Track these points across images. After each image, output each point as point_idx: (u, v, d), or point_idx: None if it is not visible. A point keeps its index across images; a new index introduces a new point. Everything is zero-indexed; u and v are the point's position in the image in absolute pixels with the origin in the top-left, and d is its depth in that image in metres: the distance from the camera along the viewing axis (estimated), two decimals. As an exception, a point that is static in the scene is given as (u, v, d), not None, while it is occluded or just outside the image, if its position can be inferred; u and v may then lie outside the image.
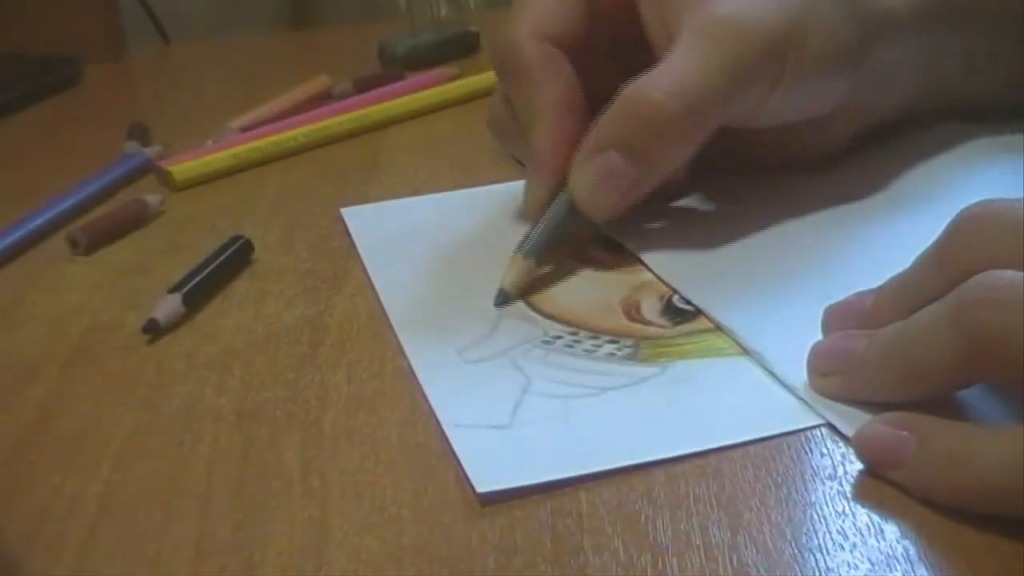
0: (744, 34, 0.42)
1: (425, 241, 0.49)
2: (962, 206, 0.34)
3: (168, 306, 0.44)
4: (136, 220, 0.54)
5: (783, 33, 0.42)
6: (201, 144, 0.63)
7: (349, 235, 0.50)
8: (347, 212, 0.52)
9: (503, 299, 0.43)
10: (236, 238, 0.49)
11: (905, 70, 0.48)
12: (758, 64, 0.42)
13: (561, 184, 0.44)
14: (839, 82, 0.45)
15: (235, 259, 0.48)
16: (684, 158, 0.43)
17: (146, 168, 0.61)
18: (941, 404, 0.33)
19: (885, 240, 0.44)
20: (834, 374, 0.35)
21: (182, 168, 0.59)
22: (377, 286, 0.45)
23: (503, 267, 0.43)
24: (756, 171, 0.49)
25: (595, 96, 0.45)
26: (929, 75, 0.50)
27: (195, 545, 0.32)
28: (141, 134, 0.65)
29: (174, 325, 0.44)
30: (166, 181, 0.59)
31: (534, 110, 0.45)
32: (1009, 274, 0.30)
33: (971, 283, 0.31)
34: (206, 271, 0.47)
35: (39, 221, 0.54)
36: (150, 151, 0.63)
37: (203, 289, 0.46)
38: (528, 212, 0.46)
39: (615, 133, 0.42)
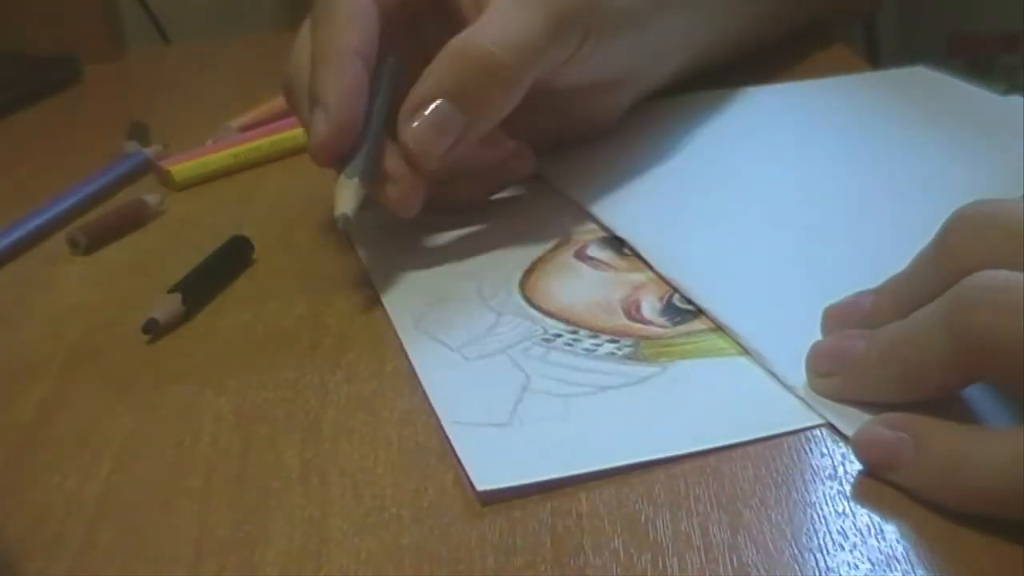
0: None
1: (425, 242, 0.49)
2: (961, 201, 0.34)
3: (168, 306, 0.44)
4: (135, 220, 0.54)
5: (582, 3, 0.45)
6: (200, 144, 0.63)
7: (348, 235, 0.50)
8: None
9: (345, 222, 0.43)
10: (236, 238, 0.49)
11: (676, 37, 0.53)
12: (572, 19, 0.45)
13: (346, 124, 0.44)
14: (632, 44, 0.49)
15: (235, 259, 0.48)
16: (509, 107, 0.45)
17: (146, 168, 0.61)
18: (940, 405, 0.33)
19: (885, 239, 0.44)
20: (833, 374, 0.35)
21: (181, 168, 0.59)
22: (377, 286, 0.45)
23: (337, 195, 0.44)
24: (548, 142, 0.52)
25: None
26: (696, 41, 0.56)
27: (195, 545, 0.32)
28: (141, 134, 0.65)
29: (173, 325, 0.44)
30: (165, 181, 0.59)
31: (330, 49, 0.45)
32: (1003, 274, 0.30)
33: (965, 284, 0.31)
34: (206, 271, 0.47)
35: (39, 221, 0.54)
36: (150, 151, 0.63)
37: (203, 289, 0.46)
38: (314, 156, 0.45)
39: (445, 83, 0.43)
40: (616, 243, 0.46)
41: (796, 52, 0.68)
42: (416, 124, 0.44)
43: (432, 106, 0.43)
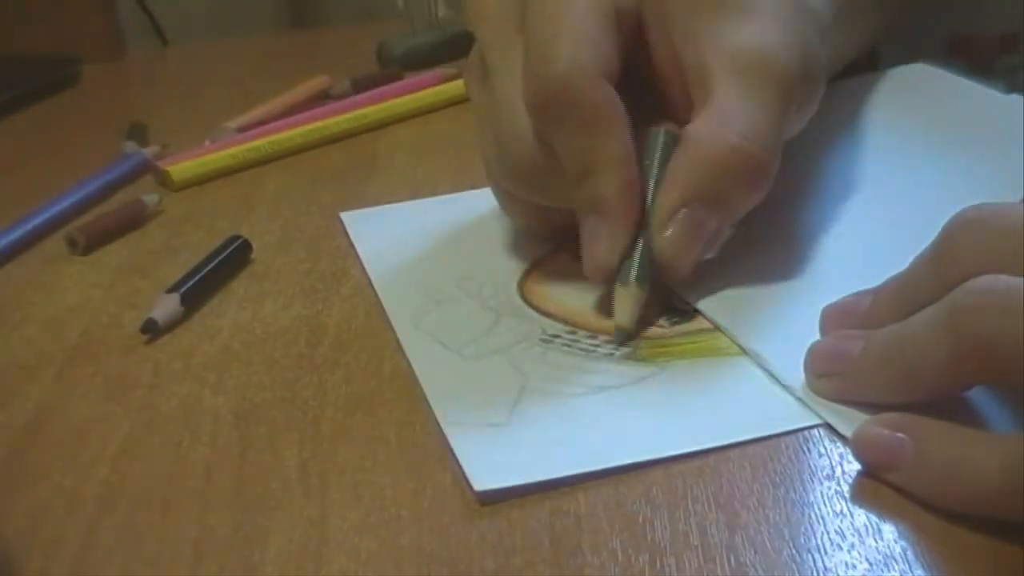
0: (779, 68, 0.41)
1: (424, 243, 0.49)
2: (962, 202, 0.34)
3: (166, 306, 0.44)
4: (134, 220, 0.54)
5: (802, 65, 0.42)
6: (199, 144, 0.63)
7: (347, 235, 0.50)
8: (346, 216, 0.52)
9: (624, 338, 0.40)
10: (234, 238, 0.49)
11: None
12: (796, 96, 0.42)
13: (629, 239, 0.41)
14: (817, 101, 0.45)
15: (233, 259, 0.48)
16: (761, 198, 0.41)
17: (144, 168, 0.61)
18: (939, 405, 0.33)
19: (884, 239, 0.44)
20: (831, 375, 0.35)
21: (180, 168, 0.59)
22: (376, 286, 0.45)
23: (616, 305, 0.40)
24: None
25: None
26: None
27: (194, 545, 0.32)
28: (139, 134, 0.65)
29: (172, 325, 0.44)
30: (164, 181, 0.59)
31: (603, 159, 0.40)
32: (1003, 279, 0.30)
33: (966, 288, 0.31)
34: (204, 271, 0.47)
35: (38, 221, 0.54)
36: (148, 151, 0.63)
37: (201, 289, 0.46)
38: (595, 273, 0.41)
39: (696, 186, 0.40)
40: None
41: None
42: (671, 231, 0.40)
43: (686, 212, 0.40)
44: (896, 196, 0.48)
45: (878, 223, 0.46)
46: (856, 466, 0.33)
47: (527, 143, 0.42)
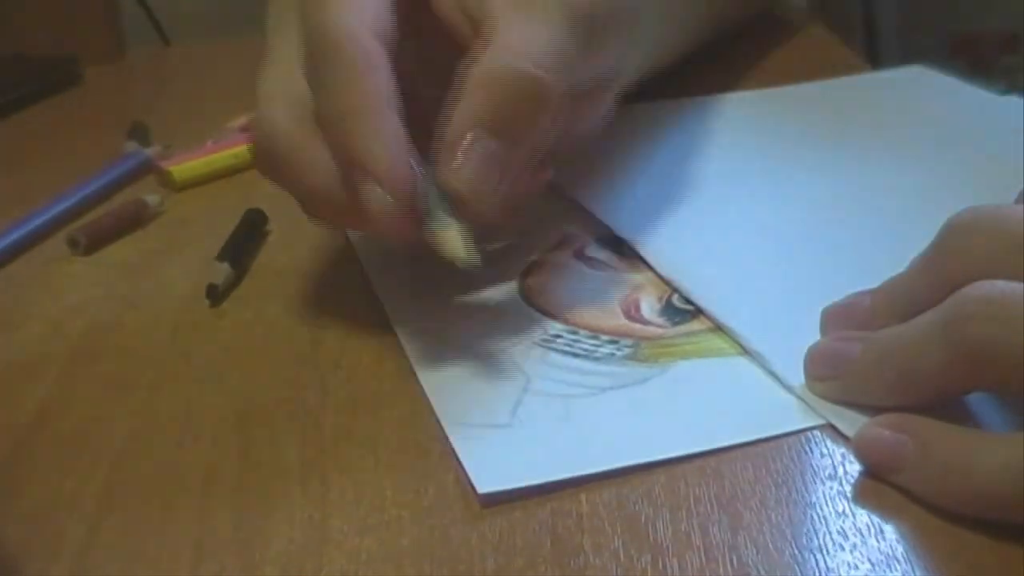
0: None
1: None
2: (961, 203, 0.34)
3: (221, 273, 0.46)
4: (136, 220, 0.54)
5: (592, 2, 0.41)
6: (201, 144, 0.63)
7: (347, 236, 0.50)
8: None
9: (470, 262, 0.38)
10: (251, 211, 0.52)
11: (652, 28, 0.50)
12: (588, 25, 0.41)
13: (408, 190, 0.38)
14: (624, 46, 0.45)
15: (256, 229, 0.51)
16: (554, 128, 0.40)
17: (146, 168, 0.61)
18: (941, 406, 0.32)
19: (884, 239, 0.44)
20: (830, 378, 0.35)
21: (182, 168, 0.59)
22: (376, 288, 0.45)
23: (444, 245, 0.38)
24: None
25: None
26: (663, 34, 0.54)
27: (195, 545, 0.32)
28: (141, 134, 0.65)
29: (229, 288, 0.45)
30: (166, 181, 0.59)
31: (356, 106, 0.38)
32: (1001, 285, 0.30)
33: (963, 295, 0.31)
34: (241, 242, 0.49)
35: (39, 221, 0.54)
36: (150, 151, 0.63)
37: (242, 255, 0.49)
38: (388, 231, 0.39)
39: (481, 115, 0.38)
40: (615, 243, 0.46)
41: (797, 53, 0.68)
42: (458, 165, 0.38)
43: (472, 143, 0.38)
44: (895, 197, 0.48)
45: (878, 223, 0.46)
46: (858, 466, 0.33)
47: (272, 125, 0.40)
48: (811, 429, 0.34)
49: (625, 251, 0.46)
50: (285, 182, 0.41)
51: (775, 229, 0.46)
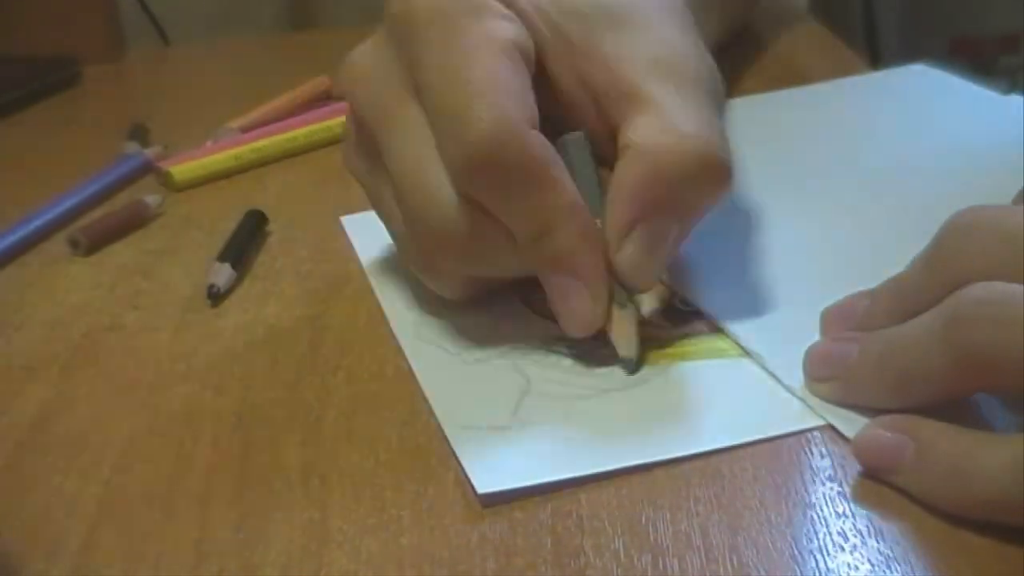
0: (698, 70, 0.40)
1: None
2: (961, 203, 0.34)
3: (222, 274, 0.47)
4: (136, 221, 0.54)
5: (709, 68, 0.41)
6: (201, 145, 0.63)
7: (348, 237, 0.50)
8: (347, 220, 0.52)
9: (633, 367, 0.38)
10: (252, 212, 0.52)
11: None
12: (719, 104, 0.41)
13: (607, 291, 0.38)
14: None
15: (256, 230, 0.51)
16: (726, 197, 0.39)
17: (146, 169, 0.61)
18: (941, 407, 0.32)
19: (884, 240, 0.44)
20: (829, 379, 0.35)
21: (182, 169, 0.59)
22: (377, 292, 0.45)
23: (616, 335, 0.38)
24: None
25: None
26: None
27: (195, 545, 0.32)
28: (141, 135, 0.65)
29: (230, 290, 0.45)
30: (166, 182, 0.59)
31: (556, 214, 0.37)
32: (1000, 287, 0.30)
33: (962, 297, 0.31)
34: (241, 242, 0.50)
35: (39, 222, 0.54)
36: (150, 152, 0.63)
37: (243, 255, 0.49)
38: (584, 331, 0.38)
39: (651, 196, 0.37)
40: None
41: (797, 54, 0.68)
42: (630, 247, 0.37)
43: (643, 228, 0.37)
44: (895, 196, 0.48)
45: (877, 224, 0.46)
46: (858, 467, 0.33)
47: (450, 214, 0.37)
48: (811, 430, 0.34)
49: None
50: (468, 265, 0.40)
51: (775, 230, 0.46)
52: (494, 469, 0.34)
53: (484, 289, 0.41)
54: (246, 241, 0.50)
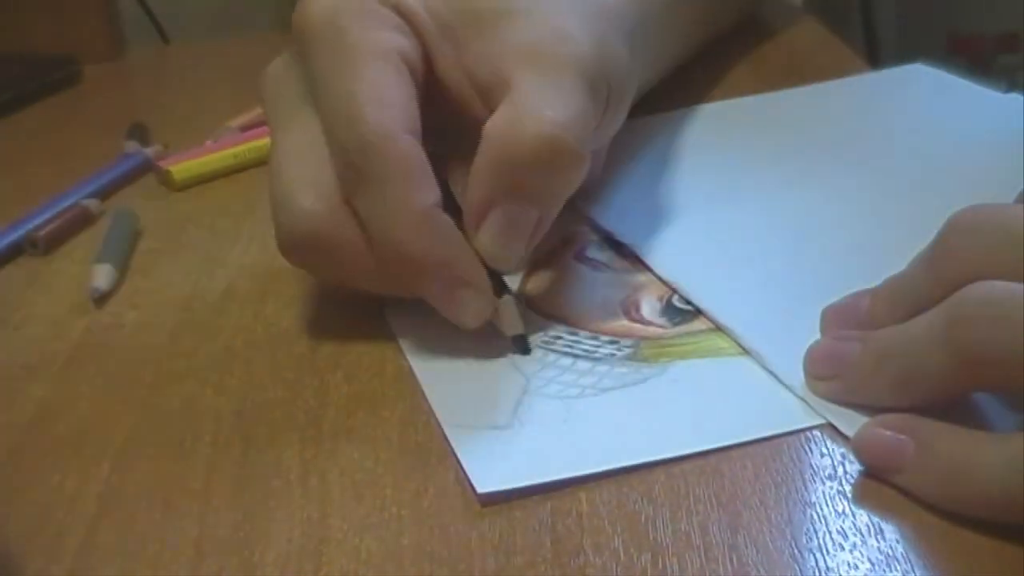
0: (572, 52, 0.40)
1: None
2: (961, 202, 0.34)
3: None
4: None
5: (598, 51, 0.41)
6: (201, 144, 0.63)
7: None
8: None
9: (525, 344, 0.40)
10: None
11: (636, 80, 0.48)
12: (599, 85, 0.41)
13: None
14: (624, 109, 0.45)
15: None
16: (577, 186, 0.40)
17: (146, 168, 0.61)
18: (941, 406, 0.32)
19: (884, 239, 0.44)
20: (829, 378, 0.35)
21: (182, 168, 0.59)
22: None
23: (502, 318, 0.40)
24: None
25: None
26: (645, 77, 0.52)
27: (195, 545, 0.32)
28: (141, 134, 0.65)
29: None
30: (166, 181, 0.59)
31: (422, 220, 0.38)
32: (1001, 286, 0.30)
33: (963, 296, 0.31)
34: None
35: (38, 221, 0.54)
36: (149, 151, 0.63)
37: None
38: (472, 325, 0.39)
39: (504, 182, 0.38)
40: (615, 244, 0.46)
41: (796, 54, 0.68)
42: (487, 232, 0.39)
43: (497, 213, 0.38)
44: (895, 196, 0.48)
45: (877, 223, 0.46)
46: (858, 466, 0.33)
47: (306, 212, 0.40)
48: (811, 429, 0.34)
49: (625, 252, 0.46)
50: (323, 266, 0.42)
51: (775, 229, 0.46)
52: (493, 468, 0.34)
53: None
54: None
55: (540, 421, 0.36)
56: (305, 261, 0.42)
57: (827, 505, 0.31)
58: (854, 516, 0.31)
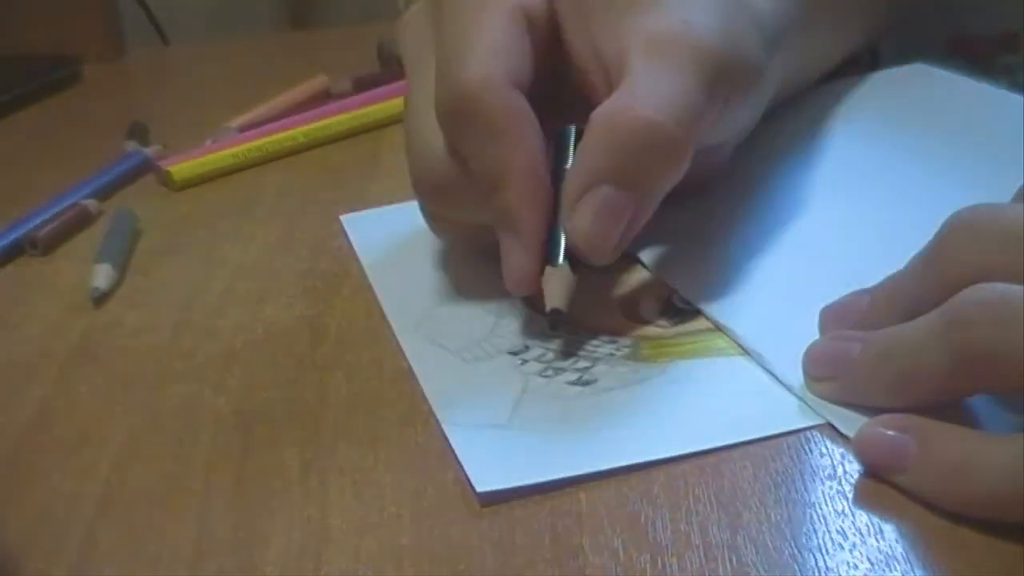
0: (696, 45, 0.40)
1: (424, 245, 0.48)
2: (961, 202, 0.34)
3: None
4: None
5: (728, 45, 0.41)
6: (200, 144, 0.63)
7: (348, 236, 0.50)
8: (346, 220, 0.52)
9: (558, 321, 0.39)
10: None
11: (773, 84, 0.48)
12: (719, 77, 0.40)
13: (542, 248, 0.40)
14: (757, 99, 0.45)
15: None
16: (678, 178, 0.39)
17: (146, 167, 0.61)
18: (941, 406, 0.32)
19: (884, 239, 0.44)
20: (829, 378, 0.35)
21: (181, 168, 0.59)
22: (376, 290, 0.45)
23: (545, 287, 0.39)
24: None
25: None
26: (784, 83, 0.51)
27: (194, 545, 0.32)
28: (141, 134, 0.66)
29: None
30: (165, 181, 0.59)
31: (511, 170, 0.39)
32: (1000, 288, 0.30)
33: (963, 298, 0.31)
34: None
35: (38, 221, 0.54)
36: (149, 151, 0.63)
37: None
38: (516, 287, 0.40)
39: (604, 165, 0.38)
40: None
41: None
42: (579, 213, 0.38)
43: (594, 194, 0.38)
44: (895, 195, 0.48)
45: (877, 222, 0.46)
46: (857, 466, 0.33)
47: (437, 156, 0.41)
48: (811, 429, 0.34)
49: (625, 251, 0.46)
50: (451, 209, 0.43)
51: (774, 229, 0.46)
52: (493, 468, 0.34)
53: (479, 242, 0.43)
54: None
55: (539, 421, 0.36)
56: (436, 203, 0.43)
57: (827, 505, 0.31)
58: (854, 516, 0.31)
